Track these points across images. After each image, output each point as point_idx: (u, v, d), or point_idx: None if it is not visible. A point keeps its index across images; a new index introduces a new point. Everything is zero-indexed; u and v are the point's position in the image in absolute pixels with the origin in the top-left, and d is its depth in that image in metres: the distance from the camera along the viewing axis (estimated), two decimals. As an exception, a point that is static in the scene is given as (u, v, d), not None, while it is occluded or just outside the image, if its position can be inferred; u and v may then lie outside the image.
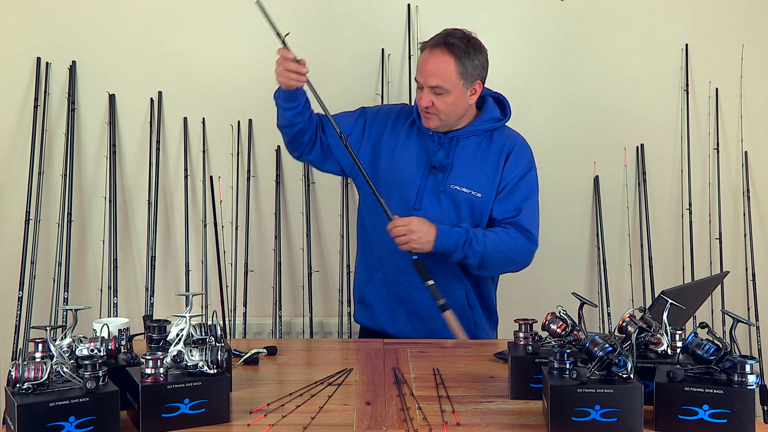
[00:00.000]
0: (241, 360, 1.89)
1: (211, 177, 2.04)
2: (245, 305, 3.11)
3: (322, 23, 3.15)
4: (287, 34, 2.18)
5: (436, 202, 2.23)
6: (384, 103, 3.13)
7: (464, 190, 2.21)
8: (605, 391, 1.39)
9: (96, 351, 1.47)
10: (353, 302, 2.46)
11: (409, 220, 2.13)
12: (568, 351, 1.47)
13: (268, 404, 1.58)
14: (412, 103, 2.93)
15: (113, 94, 3.16)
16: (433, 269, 2.19)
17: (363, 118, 2.37)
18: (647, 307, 1.92)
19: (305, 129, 2.32)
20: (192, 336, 1.53)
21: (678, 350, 1.58)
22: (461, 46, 2.16)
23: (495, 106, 2.32)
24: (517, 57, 3.20)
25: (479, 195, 2.22)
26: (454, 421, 1.50)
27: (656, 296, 1.70)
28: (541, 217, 3.20)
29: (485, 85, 2.29)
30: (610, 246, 3.23)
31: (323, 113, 2.32)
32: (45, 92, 3.12)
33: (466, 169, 2.23)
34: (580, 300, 1.65)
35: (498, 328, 3.16)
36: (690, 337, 1.50)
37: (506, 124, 2.33)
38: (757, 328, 3.18)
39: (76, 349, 1.47)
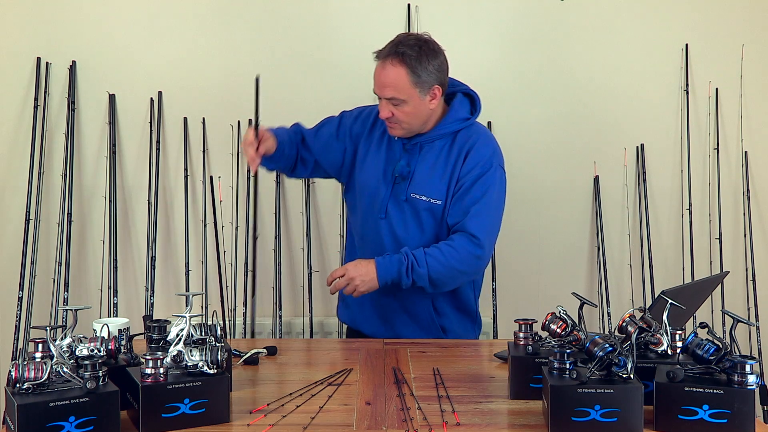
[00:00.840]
0: (241, 360, 1.89)
1: (211, 177, 2.03)
2: (245, 305, 3.11)
3: (322, 23, 3.15)
4: (257, 121, 2.15)
5: (400, 211, 2.21)
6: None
7: (423, 198, 2.17)
8: (605, 391, 1.39)
9: (96, 351, 1.47)
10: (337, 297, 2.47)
11: (344, 269, 2.11)
12: (568, 351, 1.47)
13: (268, 404, 1.58)
14: None
15: (113, 94, 3.16)
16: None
17: (344, 126, 2.34)
18: (647, 307, 1.92)
19: (286, 164, 2.34)
20: (192, 336, 1.53)
21: (678, 350, 1.58)
22: (413, 55, 2.07)
23: (464, 103, 2.24)
24: (516, 57, 3.20)
25: (439, 202, 2.17)
26: (454, 421, 1.50)
27: (656, 296, 1.70)
28: (541, 217, 3.24)
29: (459, 79, 2.24)
30: (610, 246, 3.23)
31: (306, 132, 2.35)
32: (45, 92, 3.12)
33: (426, 176, 2.18)
34: (580, 300, 1.65)
35: (497, 328, 3.17)
36: (690, 337, 1.50)
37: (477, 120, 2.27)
38: (757, 328, 3.18)
39: (76, 349, 1.47)
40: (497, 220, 2.20)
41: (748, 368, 1.40)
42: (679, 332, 1.63)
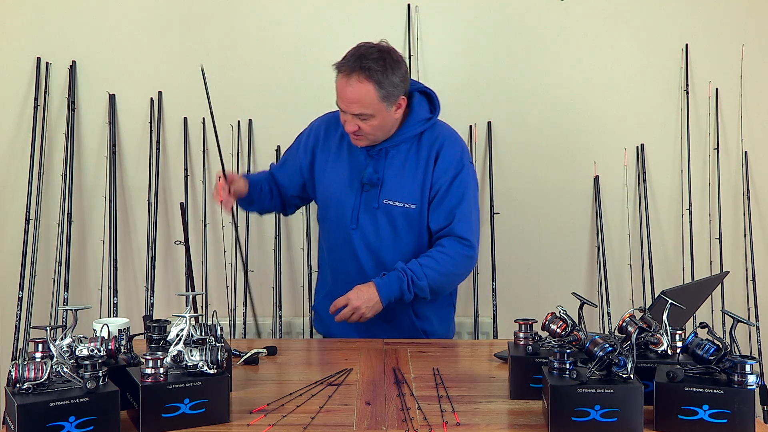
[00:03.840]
0: (241, 360, 1.89)
1: (181, 203, 2.04)
2: (245, 305, 3.11)
3: (321, 23, 3.15)
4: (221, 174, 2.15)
5: (372, 219, 2.19)
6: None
7: (397, 204, 2.16)
8: (605, 391, 1.39)
9: (96, 351, 1.47)
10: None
11: (346, 298, 2.10)
12: (568, 351, 1.47)
13: (268, 404, 1.58)
14: None
15: (113, 94, 3.16)
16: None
17: (299, 148, 2.34)
18: (647, 307, 1.92)
19: (272, 205, 2.38)
20: (192, 336, 1.53)
21: (678, 350, 1.58)
22: (378, 69, 2.03)
23: (423, 102, 2.21)
24: (516, 57, 3.19)
25: (413, 206, 2.16)
26: (454, 421, 1.50)
27: (656, 296, 1.70)
28: (541, 217, 3.24)
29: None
30: (610, 246, 3.23)
31: (274, 168, 2.39)
32: (45, 92, 3.12)
33: (397, 181, 2.17)
34: (580, 300, 1.65)
35: (497, 328, 3.17)
36: (690, 337, 1.50)
37: (439, 118, 2.26)
38: (757, 328, 3.18)
39: (76, 349, 1.47)
40: (478, 216, 2.23)
41: (748, 368, 1.40)
42: (679, 332, 1.63)
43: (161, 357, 1.42)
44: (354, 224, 2.19)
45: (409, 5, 3.14)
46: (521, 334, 1.71)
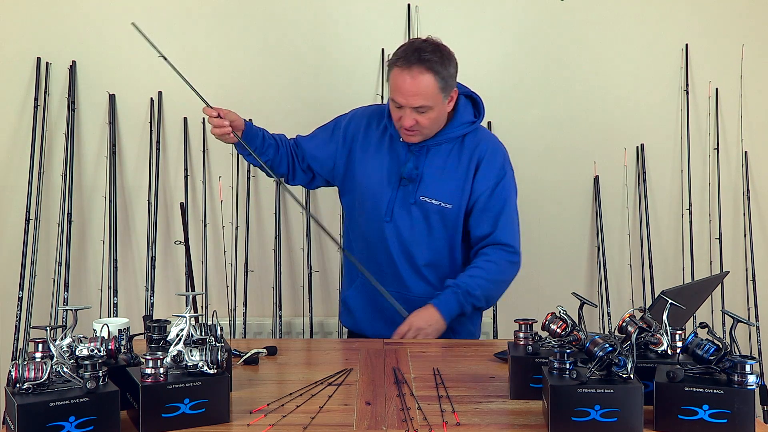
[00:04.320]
0: (241, 360, 1.89)
1: (181, 203, 2.03)
2: (245, 305, 3.11)
3: (321, 23, 3.15)
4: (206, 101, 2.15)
5: (407, 214, 2.21)
6: (383, 102, 3.13)
7: (434, 201, 2.18)
8: (605, 391, 1.39)
9: (96, 351, 1.47)
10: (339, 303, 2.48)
11: (408, 324, 2.14)
12: (568, 351, 1.47)
13: (268, 404, 1.58)
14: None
15: (113, 94, 3.16)
16: (407, 277, 2.23)
17: (338, 132, 2.33)
18: (647, 307, 1.92)
19: (278, 162, 2.32)
20: (192, 336, 1.53)
21: (678, 350, 1.58)
22: (436, 60, 2.06)
23: (468, 107, 2.26)
24: (516, 57, 3.20)
25: (449, 206, 2.18)
26: (454, 421, 1.49)
27: (656, 296, 1.70)
28: (541, 217, 3.24)
29: (459, 79, 2.24)
30: (610, 246, 3.23)
31: (300, 136, 2.35)
32: (45, 92, 3.12)
33: (436, 179, 2.19)
34: (580, 300, 1.65)
35: (497, 328, 3.17)
36: (690, 337, 1.50)
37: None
38: (757, 328, 3.18)
39: (76, 349, 1.47)
40: (518, 222, 2.27)
41: (748, 368, 1.40)
42: (679, 332, 1.62)
43: (161, 357, 1.42)
44: (388, 217, 2.21)
45: (409, 5, 3.14)
46: (521, 334, 1.71)
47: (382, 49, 3.16)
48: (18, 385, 1.33)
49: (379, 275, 2.22)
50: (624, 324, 1.60)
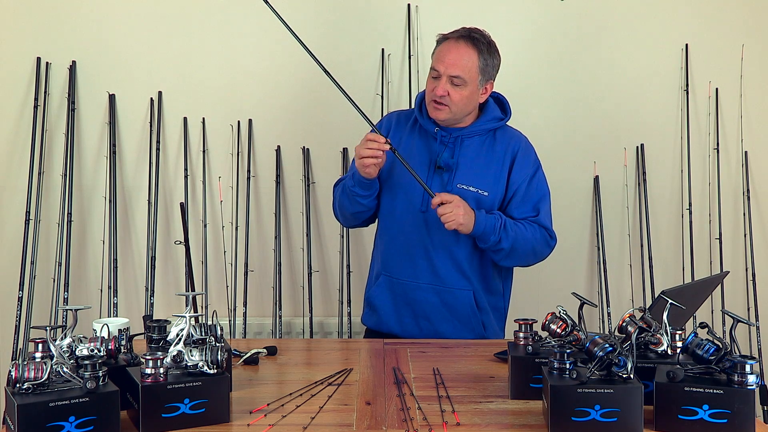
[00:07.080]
0: (241, 360, 1.89)
1: (181, 203, 2.02)
2: (245, 305, 3.11)
3: (322, 23, 3.15)
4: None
5: None
6: (383, 102, 3.14)
7: (471, 189, 2.22)
8: (605, 391, 1.39)
9: (96, 351, 1.47)
10: (363, 304, 2.46)
11: (453, 196, 2.14)
12: (568, 351, 1.47)
13: (268, 404, 1.58)
14: (412, 105, 2.93)
15: (113, 94, 3.16)
16: (442, 268, 2.23)
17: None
18: (647, 307, 1.92)
19: (369, 212, 2.34)
20: (192, 336, 1.53)
21: (678, 350, 1.58)
22: (484, 43, 2.20)
23: (495, 105, 2.34)
24: (517, 57, 3.19)
25: (486, 194, 2.23)
26: (454, 421, 1.50)
27: (656, 296, 1.70)
28: (541, 217, 3.23)
29: None
30: (610, 246, 3.23)
31: None
32: (45, 92, 3.12)
33: (472, 168, 2.24)
34: (580, 300, 1.65)
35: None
36: (690, 337, 1.50)
37: (508, 123, 2.34)
38: (757, 328, 3.18)
39: (76, 349, 1.47)
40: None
41: (748, 368, 1.40)
42: (679, 332, 1.63)
43: (161, 357, 1.42)
44: (424, 207, 2.23)
45: (409, 5, 3.14)
46: (521, 334, 1.71)
47: (382, 49, 3.16)
48: (18, 385, 1.34)
49: (412, 268, 2.25)
50: (624, 324, 1.60)
